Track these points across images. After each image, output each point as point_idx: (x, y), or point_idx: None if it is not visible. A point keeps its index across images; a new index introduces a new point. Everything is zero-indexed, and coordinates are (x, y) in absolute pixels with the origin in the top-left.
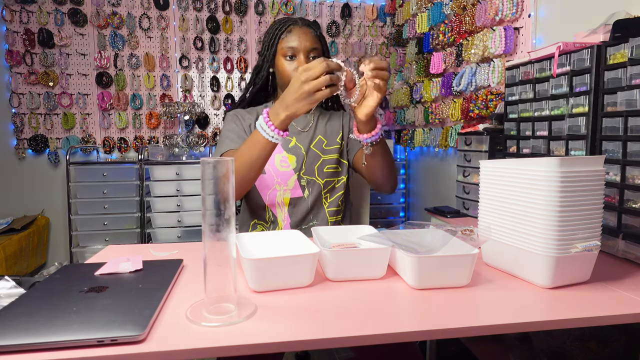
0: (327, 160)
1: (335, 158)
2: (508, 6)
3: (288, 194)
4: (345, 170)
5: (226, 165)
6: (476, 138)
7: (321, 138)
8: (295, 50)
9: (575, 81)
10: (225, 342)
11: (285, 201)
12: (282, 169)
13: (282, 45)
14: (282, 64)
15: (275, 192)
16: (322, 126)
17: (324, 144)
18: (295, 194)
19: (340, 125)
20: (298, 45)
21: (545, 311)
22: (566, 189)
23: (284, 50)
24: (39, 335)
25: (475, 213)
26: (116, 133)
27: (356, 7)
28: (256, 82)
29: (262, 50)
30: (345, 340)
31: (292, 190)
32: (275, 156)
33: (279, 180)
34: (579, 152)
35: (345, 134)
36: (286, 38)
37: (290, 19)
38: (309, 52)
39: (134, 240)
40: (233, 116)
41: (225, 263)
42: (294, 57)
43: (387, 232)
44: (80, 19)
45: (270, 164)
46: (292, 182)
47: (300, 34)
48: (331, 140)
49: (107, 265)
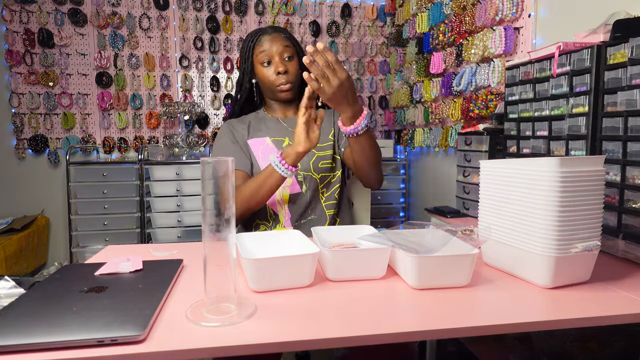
0: (321, 157)
1: (329, 154)
2: (508, 6)
3: (287, 190)
4: (340, 165)
5: (226, 165)
6: (476, 138)
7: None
8: (269, 54)
9: (575, 81)
10: (225, 342)
11: (285, 198)
12: None
13: (256, 53)
14: (260, 70)
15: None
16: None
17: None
18: (293, 190)
19: (331, 122)
20: (270, 49)
21: (545, 311)
22: (566, 189)
23: (259, 58)
24: (39, 335)
25: (475, 213)
26: (116, 133)
27: (356, 7)
28: (240, 95)
29: (240, 65)
30: (345, 340)
31: (290, 187)
32: (271, 156)
33: None
34: (579, 152)
35: (336, 131)
36: (259, 46)
37: (260, 29)
38: (282, 53)
39: (134, 240)
40: (226, 127)
41: (225, 263)
42: (270, 62)
43: (387, 232)
44: (80, 19)
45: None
46: (290, 179)
47: (270, 40)
48: (324, 137)
49: (107, 265)
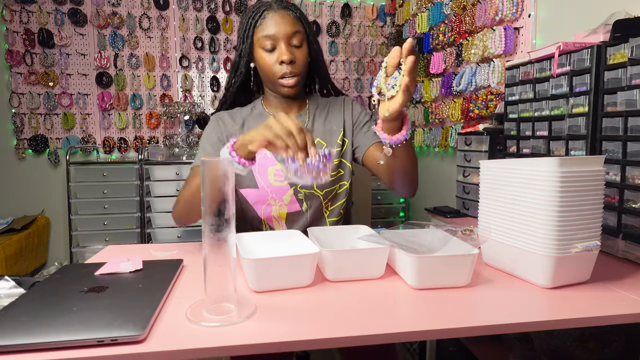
0: None
1: (336, 163)
2: (508, 6)
3: (284, 208)
4: (348, 175)
5: (226, 166)
6: (476, 138)
7: (320, 141)
8: (274, 38)
9: (575, 81)
10: (225, 342)
11: (282, 216)
12: (276, 183)
13: (258, 35)
14: (261, 57)
15: (270, 207)
16: (320, 125)
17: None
18: (292, 208)
19: (341, 121)
20: (276, 33)
21: (545, 311)
22: (566, 189)
23: (261, 42)
24: (39, 335)
25: (475, 213)
26: (116, 133)
27: (356, 7)
28: (235, 82)
29: (237, 44)
30: (346, 340)
31: (288, 205)
32: (268, 169)
33: (273, 196)
34: (579, 152)
35: (349, 131)
36: (261, 26)
37: (264, 3)
38: (290, 37)
39: (134, 240)
40: (214, 121)
41: (225, 263)
42: (274, 48)
43: (386, 232)
44: (80, 19)
45: (263, 178)
46: (288, 197)
47: (277, 19)
48: (331, 141)
49: (107, 265)
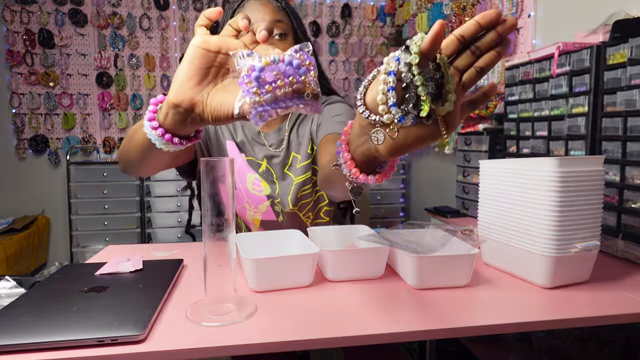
0: (300, 183)
1: (308, 177)
2: (508, 6)
3: (259, 216)
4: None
5: (226, 165)
6: (476, 138)
7: (295, 155)
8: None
9: (575, 81)
10: (225, 342)
11: (256, 222)
12: (254, 192)
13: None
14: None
15: (244, 210)
16: (295, 136)
17: (297, 163)
18: (267, 217)
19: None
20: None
21: (545, 311)
22: (566, 189)
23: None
24: (39, 335)
25: (475, 213)
26: (116, 133)
27: (356, 7)
28: None
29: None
30: (345, 340)
31: (263, 214)
32: (247, 175)
33: (248, 201)
34: (579, 152)
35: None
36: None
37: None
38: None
39: (134, 240)
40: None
41: (225, 263)
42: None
43: (386, 232)
44: (80, 19)
45: (242, 181)
46: (264, 207)
47: (256, 7)
48: (303, 151)
49: (108, 265)
